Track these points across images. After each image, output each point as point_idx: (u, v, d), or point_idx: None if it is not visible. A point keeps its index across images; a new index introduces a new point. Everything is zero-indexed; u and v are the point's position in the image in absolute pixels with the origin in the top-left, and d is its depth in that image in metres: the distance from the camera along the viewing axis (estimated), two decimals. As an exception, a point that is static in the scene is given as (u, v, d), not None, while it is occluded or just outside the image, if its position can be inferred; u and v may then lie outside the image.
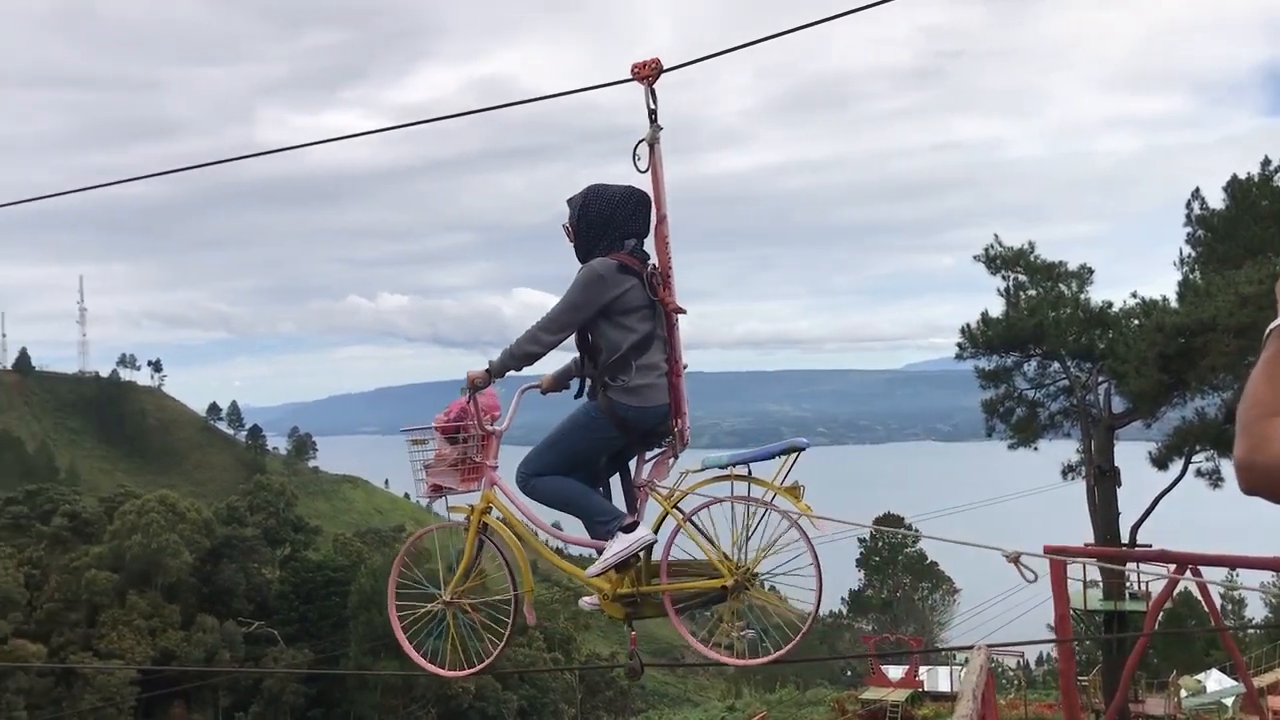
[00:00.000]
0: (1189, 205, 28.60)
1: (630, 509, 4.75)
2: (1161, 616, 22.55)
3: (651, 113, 4.57)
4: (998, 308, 30.09)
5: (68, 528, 63.05)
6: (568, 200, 4.81)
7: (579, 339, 4.72)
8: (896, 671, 34.46)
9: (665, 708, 58.99)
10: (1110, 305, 29.42)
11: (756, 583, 4.60)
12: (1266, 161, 27.35)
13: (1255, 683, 24.00)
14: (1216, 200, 28.18)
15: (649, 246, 4.77)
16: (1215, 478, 28.19)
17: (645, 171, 4.63)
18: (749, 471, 4.50)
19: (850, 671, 60.54)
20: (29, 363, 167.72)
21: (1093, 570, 26.49)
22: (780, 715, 38.41)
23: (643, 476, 4.82)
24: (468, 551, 5.00)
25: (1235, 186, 27.73)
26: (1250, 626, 44.51)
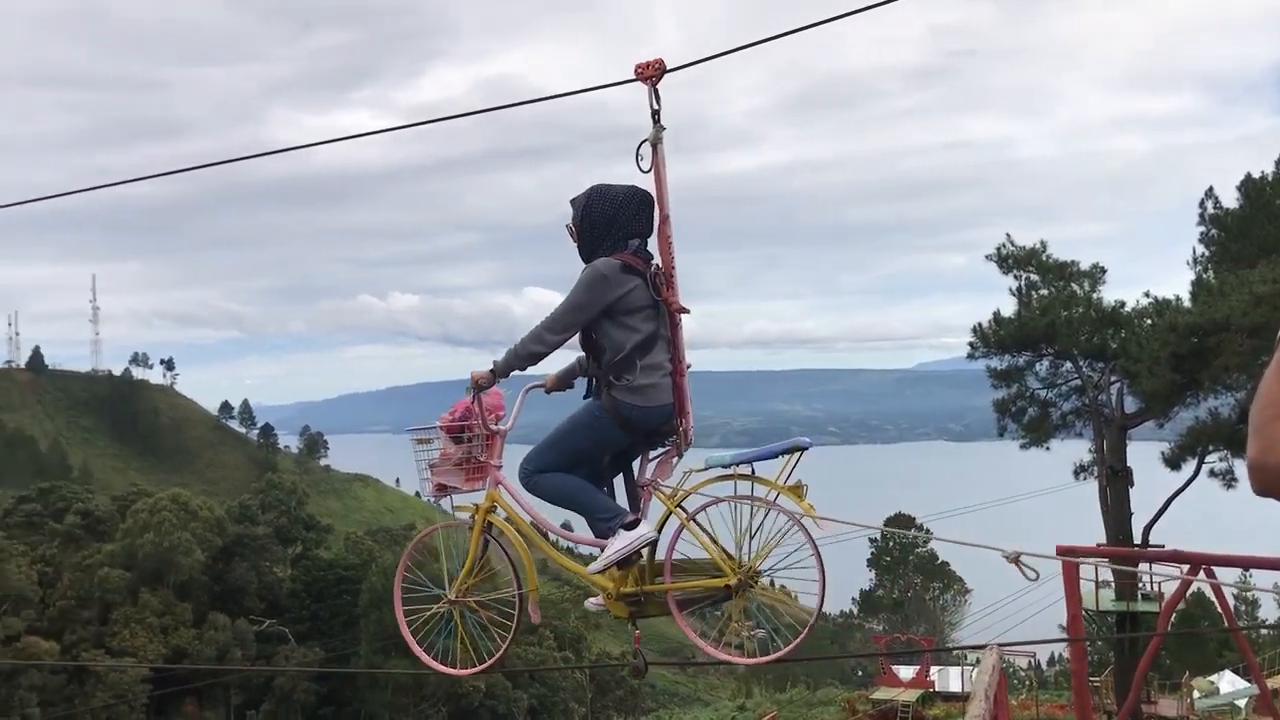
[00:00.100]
0: (1202, 204, 28.45)
1: (634, 508, 4.75)
2: (1174, 617, 22.45)
3: (655, 113, 4.56)
4: (1010, 307, 30.06)
5: (80, 526, 63.29)
6: (571, 201, 4.83)
7: (583, 339, 4.73)
8: (907, 671, 34.42)
9: (675, 707, 59.03)
10: (1123, 305, 29.34)
11: (760, 582, 4.60)
12: (1280, 160, 27.21)
13: (1269, 684, 23.88)
14: (1230, 199, 28.06)
15: (652, 246, 4.77)
16: (1229, 478, 28.06)
17: (648, 171, 4.63)
18: (752, 471, 4.51)
19: (861, 671, 60.50)
20: (42, 361, 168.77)
21: (1105, 571, 26.41)
22: (791, 715, 38.37)
23: (646, 476, 4.83)
24: (472, 550, 5.02)
25: (1249, 185, 27.58)
26: (1264, 627, 44.29)
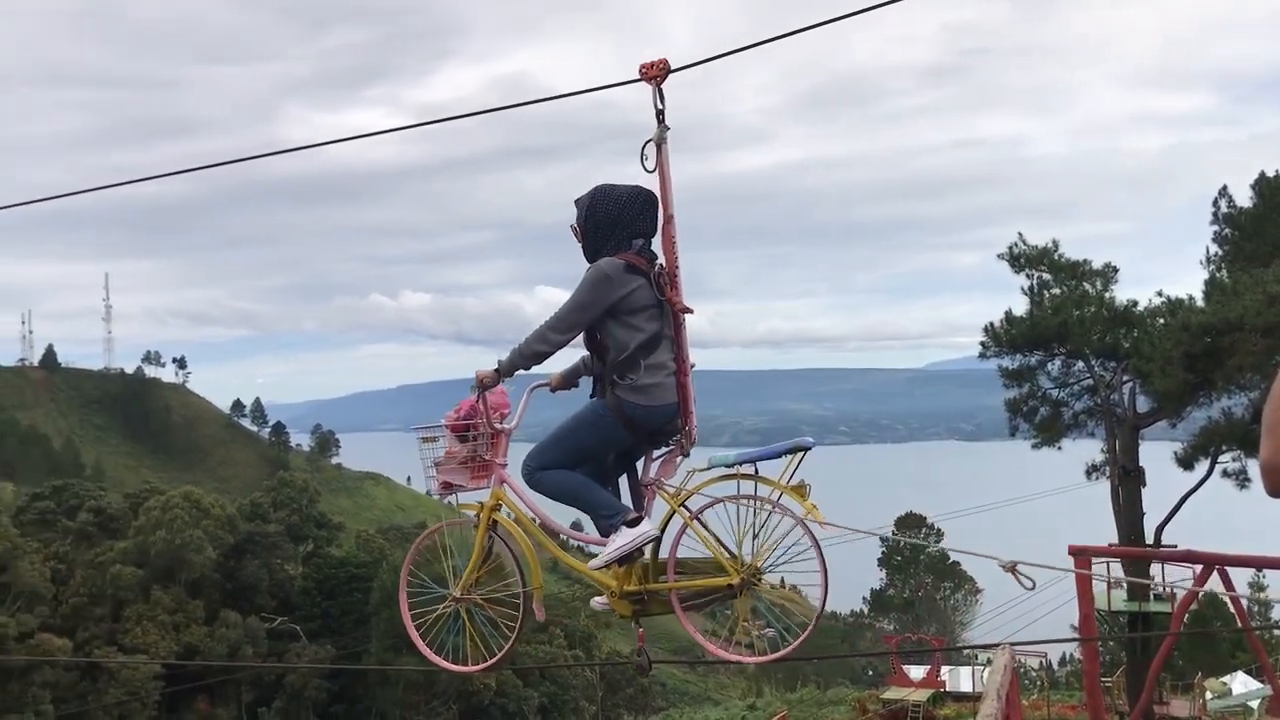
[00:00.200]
0: (1216, 203, 28.34)
1: (637, 507, 4.77)
2: (1186, 618, 22.37)
3: (659, 113, 4.58)
4: (1021, 306, 29.97)
5: (93, 523, 63.40)
6: (575, 201, 4.85)
7: (587, 338, 4.75)
8: (918, 671, 34.35)
9: (686, 706, 59.02)
10: (1135, 304, 29.26)
11: (768, 581, 4.62)
12: (1295, 159, 27.09)
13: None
14: (1244, 198, 27.94)
15: (656, 246, 4.78)
16: (1242, 478, 27.95)
17: (653, 171, 4.65)
18: (755, 470, 4.51)
19: (871, 671, 60.42)
20: (55, 359, 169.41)
21: (1116, 570, 26.33)
22: (801, 714, 38.33)
23: (650, 475, 4.84)
24: (477, 549, 5.04)
25: (1263, 184, 27.46)
26: (1277, 627, 44.07)
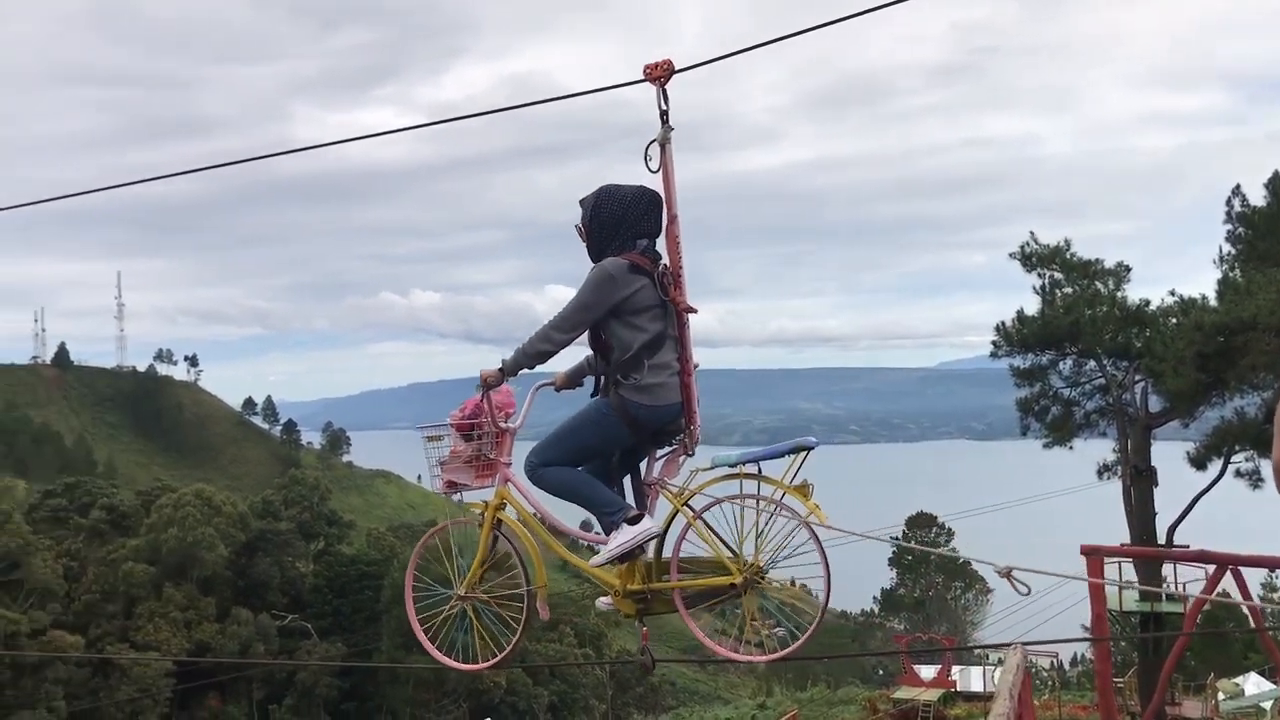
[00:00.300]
0: (1229, 202, 28.15)
1: (640, 506, 4.80)
2: (1199, 618, 22.27)
3: (663, 113, 4.61)
4: (1033, 305, 29.85)
5: (105, 520, 63.66)
6: (580, 201, 4.87)
7: (591, 338, 4.77)
8: (929, 671, 34.26)
9: (696, 705, 58.90)
10: (1148, 303, 29.10)
11: (777, 580, 4.63)
12: (1309, 157, 26.94)
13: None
14: (1257, 197, 27.76)
15: (661, 246, 4.80)
16: (1254, 478, 27.83)
17: (657, 171, 4.67)
18: (759, 470, 4.53)
19: (882, 670, 60.32)
20: (68, 357, 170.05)
21: (1128, 571, 26.23)
22: (811, 714, 38.27)
23: (653, 474, 4.87)
24: (482, 547, 5.06)
25: (1277, 183, 27.27)
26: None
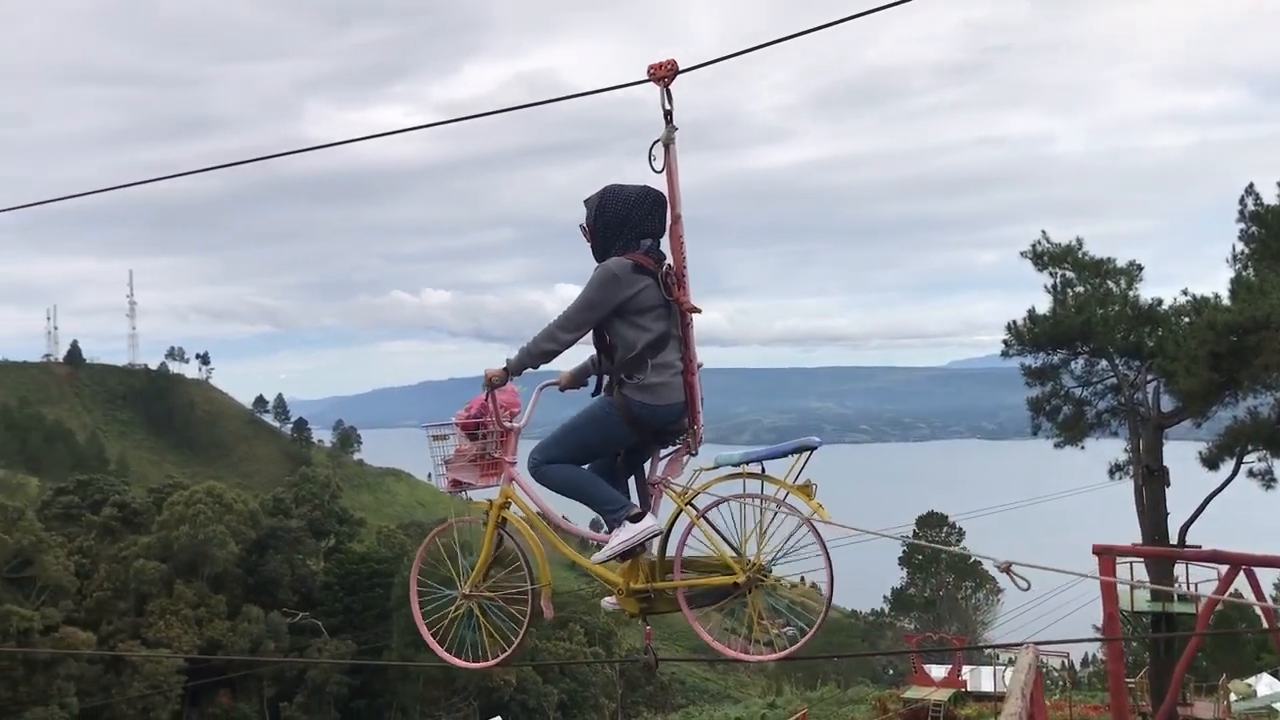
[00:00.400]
0: (1242, 201, 27.97)
1: (644, 506, 4.80)
2: (1211, 618, 22.16)
3: (667, 113, 4.62)
4: (1045, 304, 29.75)
5: (117, 518, 63.85)
6: (585, 201, 4.88)
7: (595, 337, 4.79)
8: (939, 671, 34.23)
9: (706, 704, 58.91)
10: (1160, 302, 28.97)
11: (782, 580, 4.65)
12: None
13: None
14: (1271, 196, 27.59)
15: (665, 246, 4.81)
16: (1267, 478, 27.72)
17: (661, 172, 4.68)
18: (762, 470, 4.53)
19: (892, 670, 60.21)
20: (80, 355, 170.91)
21: (1140, 571, 26.13)
22: (821, 713, 38.24)
23: (657, 474, 4.88)
24: (486, 546, 5.08)
25: (1291, 181, 27.12)
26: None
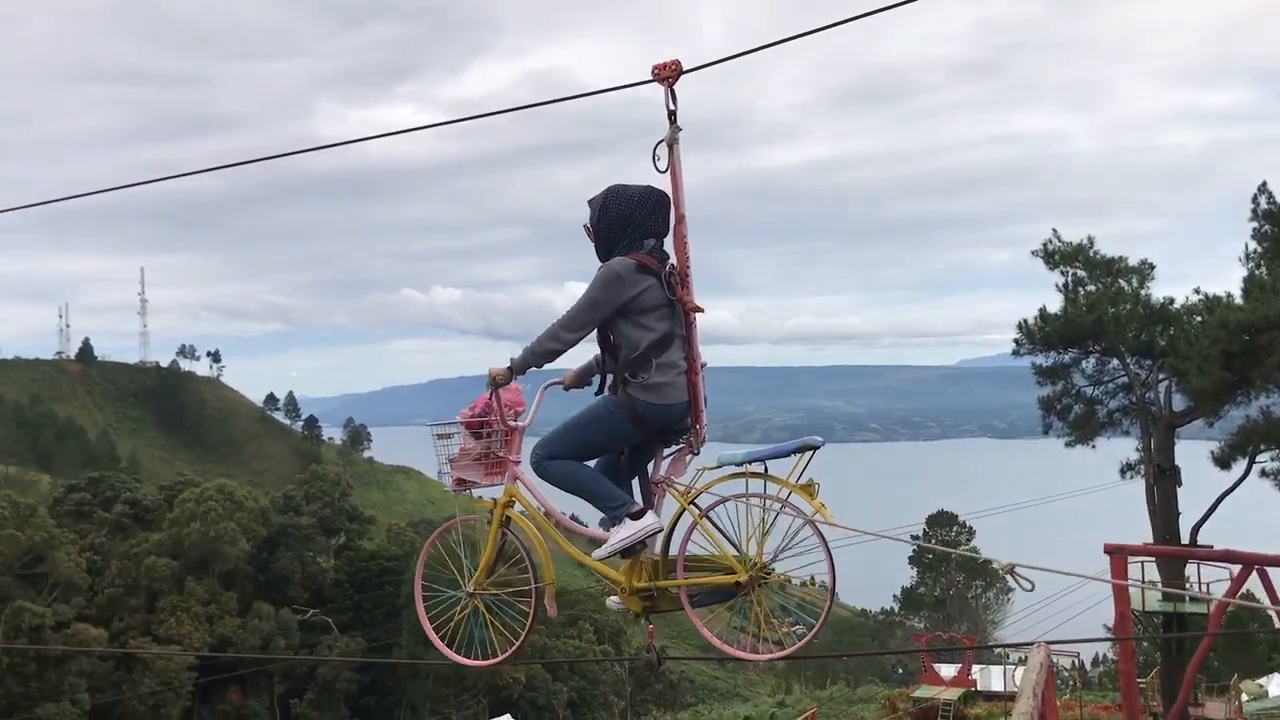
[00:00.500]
0: (1255, 199, 27.85)
1: (647, 505, 4.80)
2: (1223, 618, 22.07)
3: (671, 113, 4.60)
4: (1056, 303, 29.68)
5: (128, 515, 64.06)
6: (589, 201, 4.88)
7: (600, 337, 4.80)
8: (949, 670, 34.18)
9: (715, 702, 58.91)
10: (1172, 301, 28.89)
11: (779, 578, 4.64)
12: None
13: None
14: (1285, 194, 27.47)
15: (668, 246, 4.81)
16: (1280, 478, 27.59)
17: (665, 172, 4.67)
18: (765, 469, 4.53)
19: (902, 669, 60.16)
20: (91, 353, 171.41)
21: (1151, 571, 26.05)
22: (831, 712, 38.22)
23: (660, 473, 4.88)
24: (490, 544, 5.09)
25: (1304, 180, 26.99)
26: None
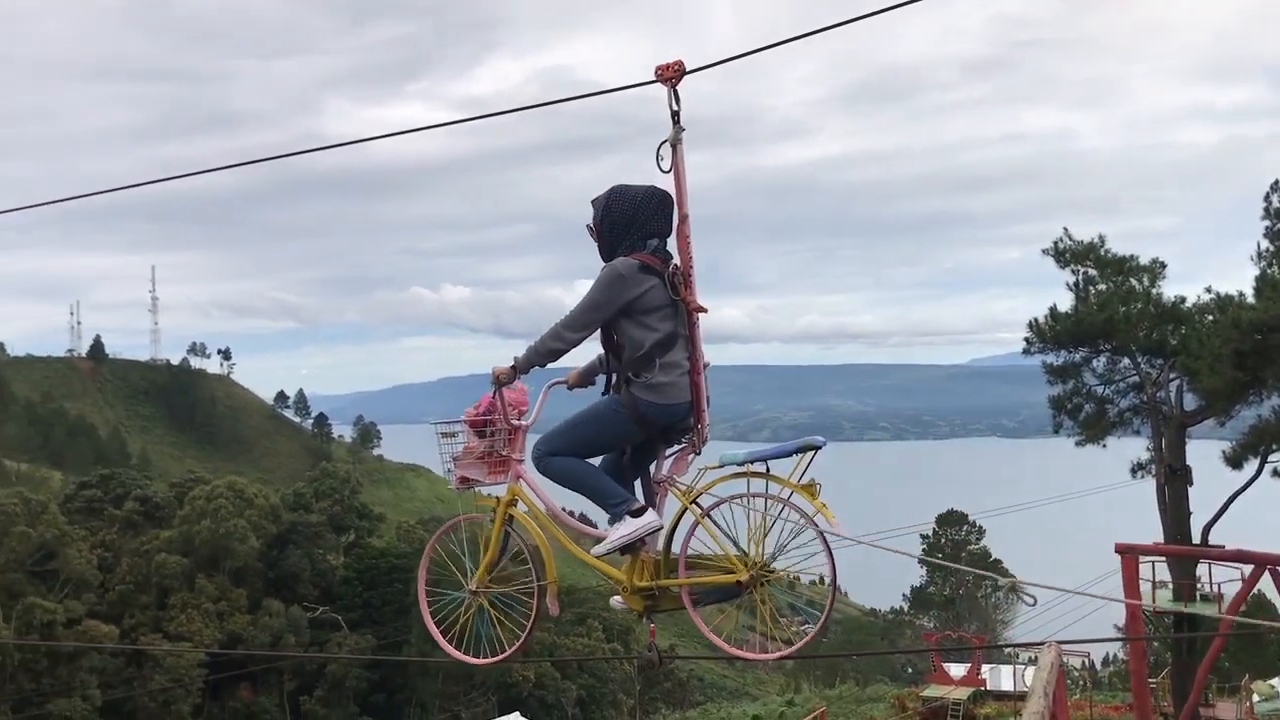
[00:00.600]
0: (1268, 198, 27.77)
1: (649, 504, 4.80)
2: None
3: (674, 114, 4.59)
4: (1067, 302, 29.58)
5: (139, 512, 64.24)
6: (592, 201, 4.89)
7: (603, 336, 4.80)
8: (958, 669, 34.11)
9: (724, 701, 58.88)
10: (1184, 300, 28.78)
11: (776, 576, 4.63)
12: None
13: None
14: (1297, 192, 27.35)
15: (672, 246, 4.80)
16: (1292, 478, 27.46)
17: (668, 172, 4.66)
18: (767, 469, 4.53)
19: (911, 669, 60.06)
20: (103, 350, 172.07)
21: (1162, 571, 25.95)
22: (840, 711, 38.17)
23: (662, 472, 4.88)
24: (493, 543, 5.09)
25: (1317, 178, 26.87)
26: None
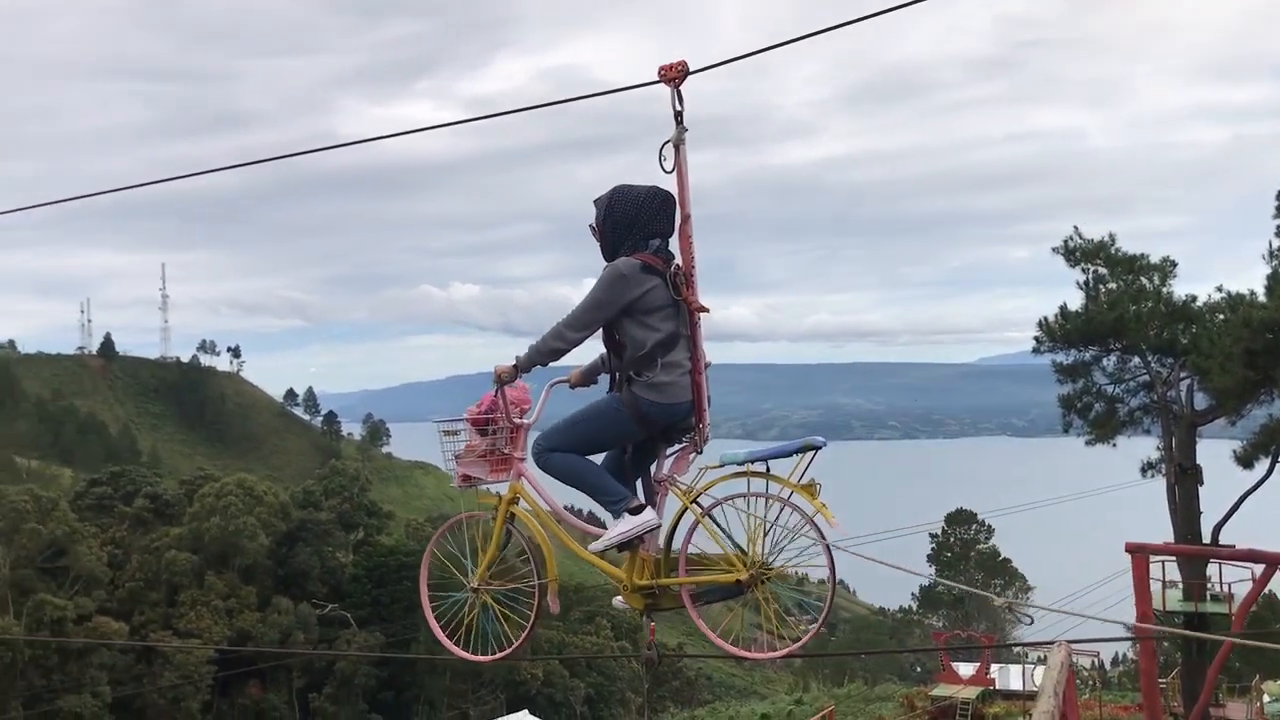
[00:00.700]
0: (1278, 196, 27.67)
1: (649, 503, 4.81)
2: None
3: (677, 114, 4.60)
4: (1076, 301, 29.49)
5: (149, 509, 64.46)
6: (594, 201, 4.90)
7: (605, 336, 4.81)
8: (967, 668, 34.08)
9: (732, 699, 58.93)
10: (1194, 299, 28.64)
11: (776, 572, 4.64)
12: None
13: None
14: (1309, 191, 27.20)
15: (674, 246, 4.81)
16: (1303, 478, 27.34)
17: (671, 172, 4.68)
18: (767, 469, 4.53)
19: (920, 668, 60.06)
20: (113, 348, 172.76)
21: (1172, 570, 25.88)
22: (848, 710, 38.18)
23: (663, 471, 4.89)
24: (495, 541, 5.13)
25: (1328, 176, 26.76)
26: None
